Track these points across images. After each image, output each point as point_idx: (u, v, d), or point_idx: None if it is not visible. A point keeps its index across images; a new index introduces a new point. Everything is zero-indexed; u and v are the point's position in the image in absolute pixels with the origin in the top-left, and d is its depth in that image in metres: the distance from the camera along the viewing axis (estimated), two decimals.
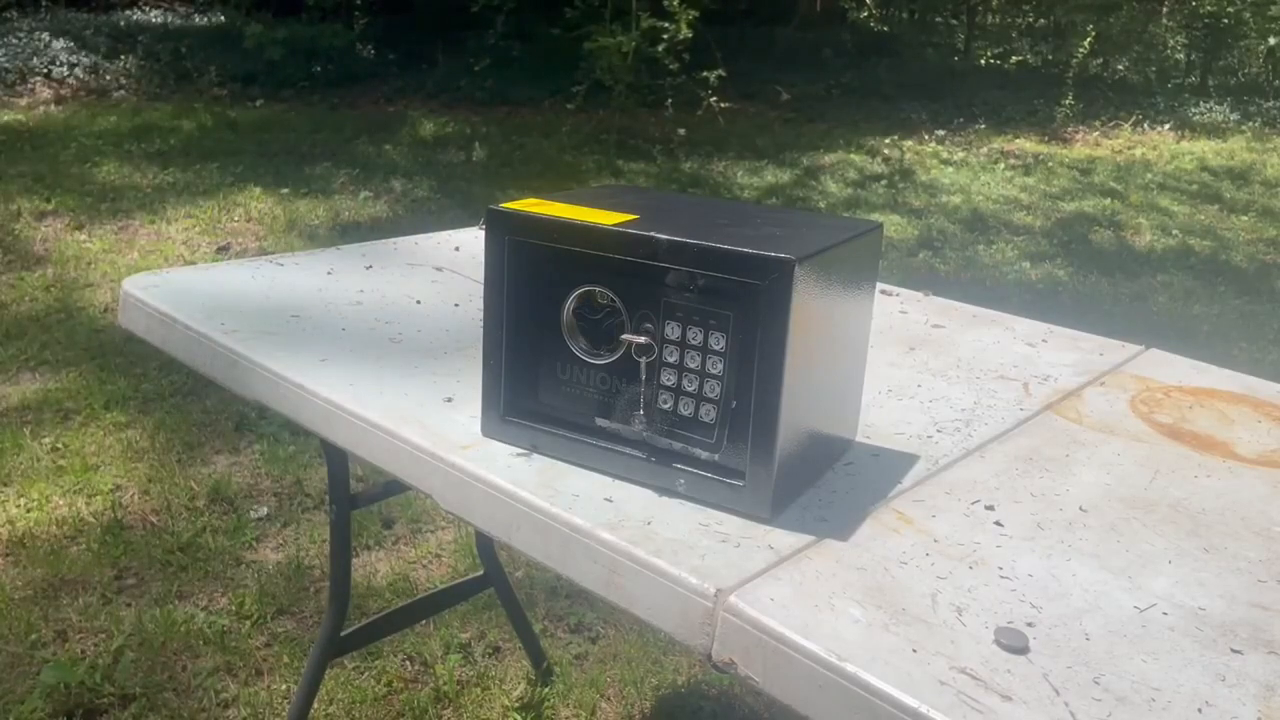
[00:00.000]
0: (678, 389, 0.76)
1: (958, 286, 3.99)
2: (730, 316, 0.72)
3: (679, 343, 0.75)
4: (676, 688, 1.79)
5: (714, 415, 0.75)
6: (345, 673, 1.74)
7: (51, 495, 2.25)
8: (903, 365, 1.07)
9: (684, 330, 0.74)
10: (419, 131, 6.33)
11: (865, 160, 6.38)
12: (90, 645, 1.80)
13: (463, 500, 0.84)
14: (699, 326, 0.74)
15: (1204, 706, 0.58)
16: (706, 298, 0.73)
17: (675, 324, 0.74)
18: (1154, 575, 0.71)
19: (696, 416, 0.75)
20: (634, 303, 0.75)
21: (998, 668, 0.60)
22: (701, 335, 0.74)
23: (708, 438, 0.75)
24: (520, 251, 0.78)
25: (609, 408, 0.79)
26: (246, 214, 4.56)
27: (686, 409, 0.76)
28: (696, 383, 0.75)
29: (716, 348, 0.73)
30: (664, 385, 0.76)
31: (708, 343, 0.74)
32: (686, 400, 0.76)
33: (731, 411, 0.74)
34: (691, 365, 0.75)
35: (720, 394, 0.74)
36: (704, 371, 0.74)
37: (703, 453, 0.76)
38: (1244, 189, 6.14)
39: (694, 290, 0.73)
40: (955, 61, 10.44)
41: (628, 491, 0.77)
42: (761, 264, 0.70)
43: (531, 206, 0.77)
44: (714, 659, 0.66)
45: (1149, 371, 1.09)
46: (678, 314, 0.74)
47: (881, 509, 0.77)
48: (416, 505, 2.23)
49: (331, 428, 0.94)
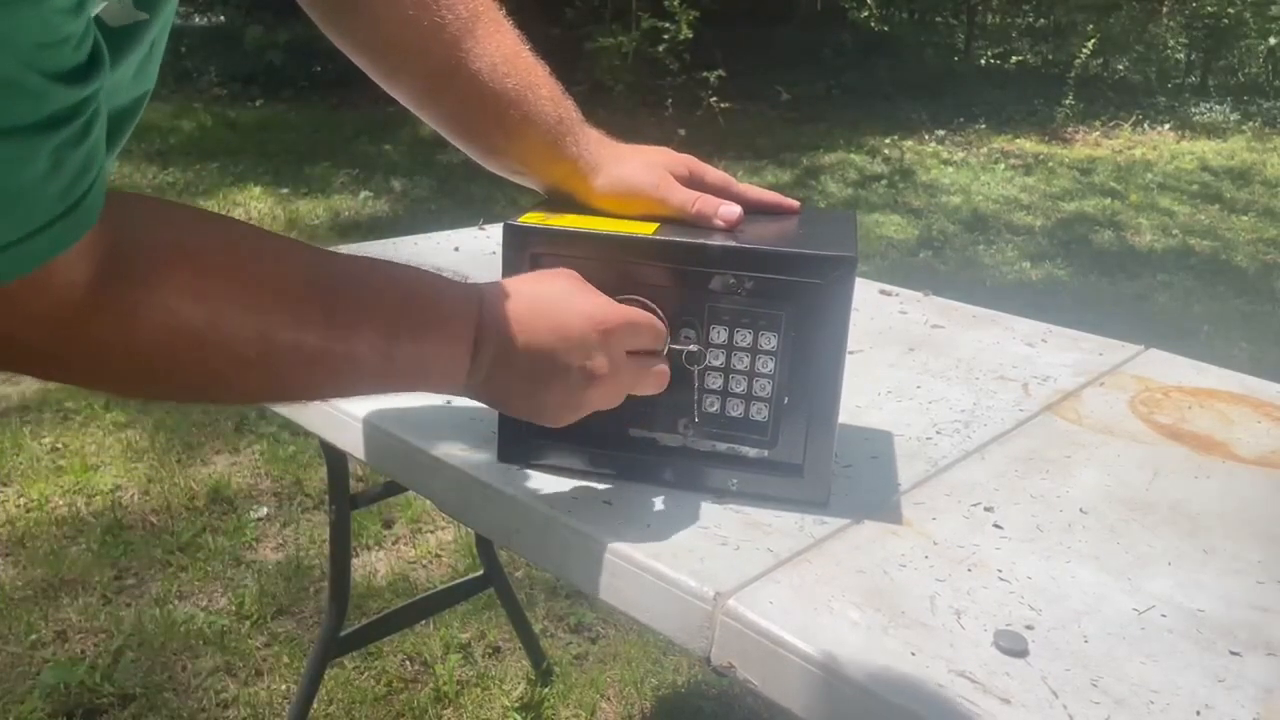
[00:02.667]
0: (725, 391, 0.76)
1: (958, 286, 3.99)
2: (782, 316, 0.73)
3: (725, 345, 0.75)
4: (676, 688, 1.79)
5: (766, 413, 0.76)
6: (345, 673, 1.74)
7: (51, 495, 2.26)
8: (903, 365, 1.07)
9: (731, 333, 0.75)
10: (419, 131, 6.32)
11: (865, 160, 6.37)
12: (90, 645, 1.80)
13: (462, 503, 0.84)
14: (748, 328, 0.74)
15: (1203, 709, 0.58)
16: (756, 299, 0.73)
17: (722, 328, 0.75)
18: (1153, 577, 0.71)
19: (747, 416, 0.76)
20: (676, 310, 0.75)
21: (996, 670, 0.60)
22: (751, 336, 0.74)
23: (760, 435, 0.76)
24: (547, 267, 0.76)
25: (645, 417, 0.78)
26: (246, 214, 4.56)
27: (735, 410, 0.76)
28: (745, 383, 0.76)
29: (767, 347, 0.74)
30: (709, 389, 0.76)
31: (757, 343, 0.74)
32: (735, 401, 0.76)
33: (784, 407, 0.75)
34: (740, 367, 0.75)
35: (771, 392, 0.75)
36: (754, 371, 0.75)
37: (752, 451, 0.77)
38: (1244, 189, 6.14)
39: (742, 293, 0.73)
40: (955, 61, 10.44)
41: (627, 494, 0.77)
42: (823, 263, 0.71)
43: (552, 220, 0.76)
44: (713, 662, 0.66)
45: (1149, 371, 1.09)
46: (724, 317, 0.74)
47: (880, 511, 0.77)
48: (416, 505, 2.23)
49: (331, 428, 0.94)
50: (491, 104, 0.80)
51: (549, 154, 0.81)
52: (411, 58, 0.80)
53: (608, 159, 0.82)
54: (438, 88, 0.81)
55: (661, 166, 0.82)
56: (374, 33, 0.80)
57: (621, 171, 0.81)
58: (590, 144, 0.82)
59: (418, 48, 0.79)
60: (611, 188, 0.81)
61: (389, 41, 0.80)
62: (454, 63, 0.78)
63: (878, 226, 4.87)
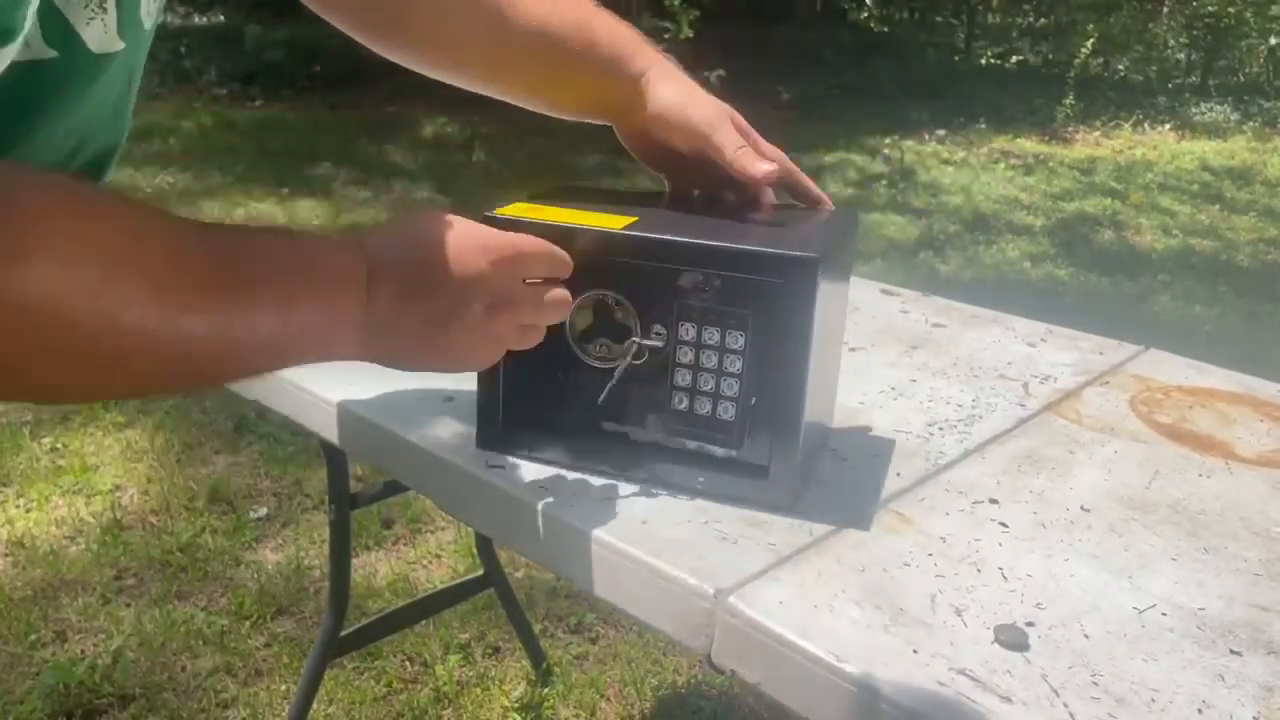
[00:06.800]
0: (693, 389, 0.76)
1: (958, 286, 3.99)
2: (749, 315, 0.73)
3: (694, 343, 0.75)
4: (676, 688, 1.79)
5: (733, 413, 0.75)
6: (345, 673, 1.74)
7: (51, 495, 2.26)
8: (903, 365, 1.07)
9: (699, 330, 0.74)
10: (419, 132, 6.33)
11: (865, 160, 6.37)
12: (89, 645, 1.80)
13: (461, 501, 0.84)
14: (716, 326, 0.74)
15: (1203, 707, 0.58)
16: (723, 298, 0.73)
17: (690, 325, 0.74)
18: (1153, 576, 0.71)
19: (714, 415, 0.76)
20: (645, 305, 0.75)
21: (997, 669, 0.60)
22: (718, 335, 0.74)
23: (727, 435, 0.76)
24: None
25: (618, 411, 0.78)
26: (246, 214, 4.56)
27: (703, 408, 0.76)
28: (713, 382, 0.75)
29: (734, 346, 0.74)
30: (678, 386, 0.76)
31: (725, 342, 0.74)
32: (703, 399, 0.76)
33: (751, 408, 0.74)
34: (708, 365, 0.75)
35: (739, 392, 0.75)
36: (721, 370, 0.75)
37: (720, 450, 0.76)
38: (1245, 189, 6.14)
39: (710, 291, 0.73)
40: (955, 61, 10.44)
41: (625, 492, 0.77)
42: (784, 263, 0.70)
43: (529, 212, 0.76)
44: (713, 660, 0.66)
45: (1149, 371, 1.09)
46: (693, 315, 0.74)
47: (881, 509, 0.77)
48: (416, 505, 2.23)
49: (331, 428, 0.94)
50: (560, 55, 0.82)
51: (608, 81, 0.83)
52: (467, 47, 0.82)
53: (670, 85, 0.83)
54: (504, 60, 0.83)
55: (725, 113, 0.83)
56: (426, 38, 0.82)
57: (681, 97, 0.82)
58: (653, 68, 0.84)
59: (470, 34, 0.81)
60: (666, 109, 0.82)
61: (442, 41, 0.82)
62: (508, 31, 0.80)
63: (878, 226, 4.87)
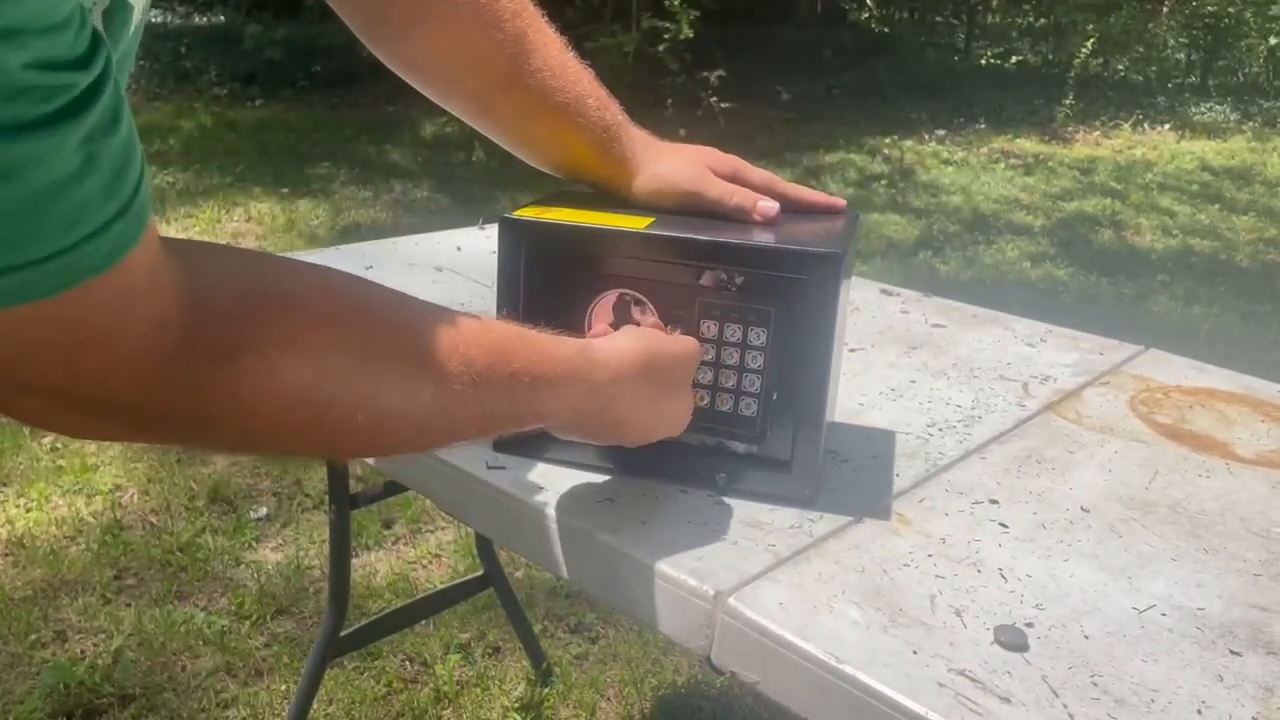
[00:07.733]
0: (714, 385, 0.76)
1: (958, 286, 3.99)
2: (771, 311, 0.73)
3: (715, 340, 0.75)
4: (676, 688, 1.79)
5: (755, 409, 0.76)
6: (345, 673, 1.74)
7: (51, 495, 2.26)
8: (903, 365, 1.07)
9: (721, 327, 0.75)
10: (419, 132, 6.33)
11: (865, 160, 6.38)
12: (90, 645, 1.80)
13: (461, 502, 0.84)
14: (738, 323, 0.74)
15: (1202, 707, 0.58)
16: (746, 294, 0.74)
17: (712, 322, 0.75)
18: (1153, 576, 0.71)
19: (736, 411, 0.76)
20: (665, 304, 0.75)
21: (996, 669, 0.60)
22: (740, 331, 0.74)
23: (748, 430, 0.76)
24: (540, 260, 0.76)
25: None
26: (246, 214, 4.56)
27: (725, 405, 0.76)
28: (734, 378, 0.76)
29: (756, 343, 0.74)
30: (699, 383, 0.76)
31: (747, 338, 0.74)
32: (724, 395, 0.76)
33: (772, 403, 0.75)
34: (729, 361, 0.75)
35: (760, 387, 0.75)
36: (743, 366, 0.75)
37: (741, 446, 0.77)
38: (1245, 189, 6.14)
39: (733, 288, 0.74)
40: (955, 61, 10.44)
41: (626, 492, 0.77)
42: (808, 259, 0.71)
43: (546, 214, 0.77)
44: (713, 661, 0.66)
45: (1149, 371, 1.09)
46: (715, 312, 0.75)
47: (881, 510, 0.77)
48: (416, 505, 2.23)
49: None
50: (546, 115, 0.82)
51: (598, 157, 0.83)
52: (467, 76, 0.82)
53: (651, 157, 0.84)
54: (494, 103, 0.83)
55: (702, 163, 0.83)
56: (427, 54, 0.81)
57: (661, 168, 0.83)
58: (636, 144, 0.84)
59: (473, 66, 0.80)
60: (651, 183, 0.83)
61: (444, 61, 0.82)
62: (509, 79, 0.80)
63: (878, 226, 4.87)
